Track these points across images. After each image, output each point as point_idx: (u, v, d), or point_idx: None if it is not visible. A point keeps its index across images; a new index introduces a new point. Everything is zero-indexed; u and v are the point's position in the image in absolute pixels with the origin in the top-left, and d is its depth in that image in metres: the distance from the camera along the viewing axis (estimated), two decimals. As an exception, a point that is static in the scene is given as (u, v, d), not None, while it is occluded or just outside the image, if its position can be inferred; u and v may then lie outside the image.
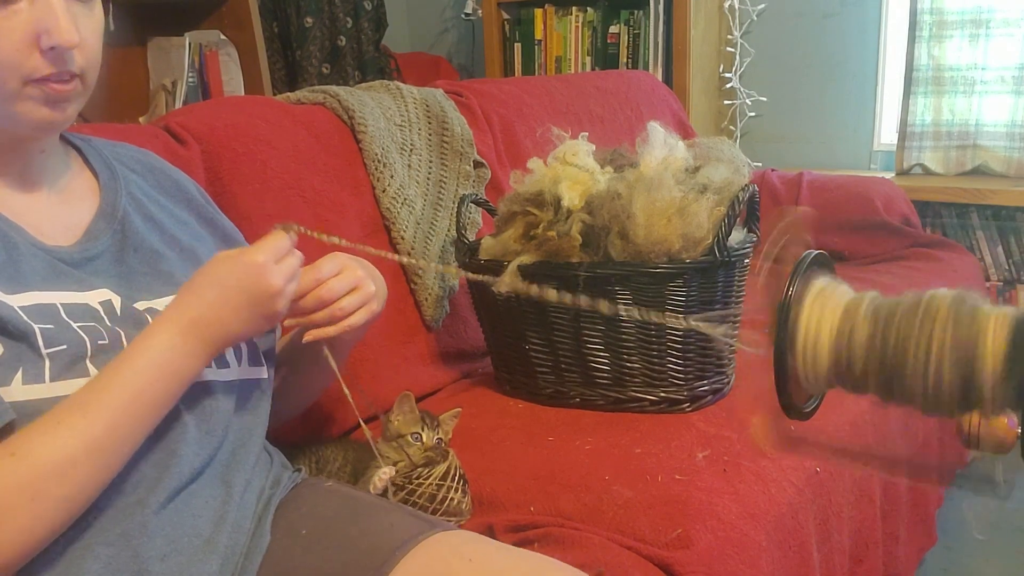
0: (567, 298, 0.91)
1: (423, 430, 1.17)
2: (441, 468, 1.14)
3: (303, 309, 0.97)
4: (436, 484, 1.12)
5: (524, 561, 0.92)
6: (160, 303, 0.92)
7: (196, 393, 0.89)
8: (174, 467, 0.86)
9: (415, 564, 0.88)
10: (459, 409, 1.24)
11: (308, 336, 1.00)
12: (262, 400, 1.01)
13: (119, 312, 0.88)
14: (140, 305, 0.90)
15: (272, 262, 0.88)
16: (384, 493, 1.12)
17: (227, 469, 0.93)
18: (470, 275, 1.27)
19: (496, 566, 0.89)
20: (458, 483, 1.15)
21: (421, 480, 1.12)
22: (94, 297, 0.87)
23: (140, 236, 0.95)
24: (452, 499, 1.13)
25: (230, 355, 0.95)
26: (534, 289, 0.95)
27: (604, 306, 0.87)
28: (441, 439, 1.18)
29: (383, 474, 1.11)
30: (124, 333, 0.86)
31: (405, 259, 1.44)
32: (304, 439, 1.28)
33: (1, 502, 0.73)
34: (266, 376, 1.02)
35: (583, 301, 0.89)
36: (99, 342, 0.83)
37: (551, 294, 0.93)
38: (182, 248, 1.00)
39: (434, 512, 1.11)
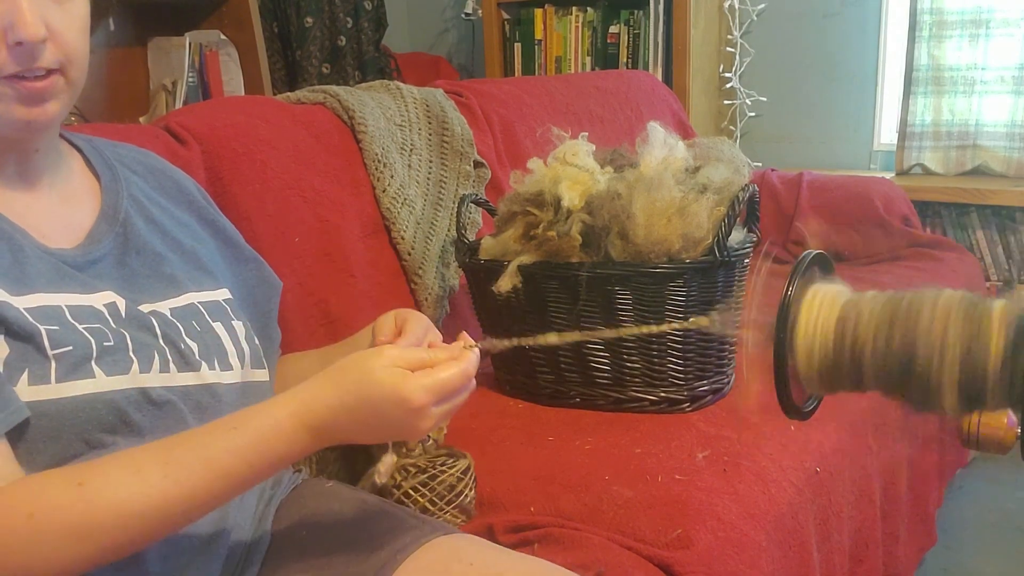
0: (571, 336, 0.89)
1: None
2: (464, 463, 1.15)
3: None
4: (457, 476, 1.13)
5: (524, 565, 0.92)
6: (163, 305, 0.92)
7: (200, 396, 0.89)
8: None
9: (416, 567, 0.88)
10: None
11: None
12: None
13: (124, 314, 0.87)
14: (144, 307, 0.90)
15: (434, 404, 0.80)
16: (383, 489, 1.12)
17: None
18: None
19: (497, 571, 0.89)
20: (472, 483, 1.16)
21: (445, 468, 1.13)
22: (98, 299, 0.87)
23: (142, 238, 0.95)
24: (467, 495, 1.15)
25: (234, 358, 0.95)
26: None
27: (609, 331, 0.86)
28: (428, 435, 1.19)
29: (388, 459, 1.12)
30: (129, 335, 0.85)
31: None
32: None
33: (52, 535, 0.70)
34: (267, 379, 1.02)
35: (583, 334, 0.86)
36: (105, 344, 0.83)
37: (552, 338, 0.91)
38: (183, 250, 0.99)
39: (448, 503, 1.12)
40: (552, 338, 0.91)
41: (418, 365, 0.80)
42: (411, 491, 1.12)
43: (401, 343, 0.91)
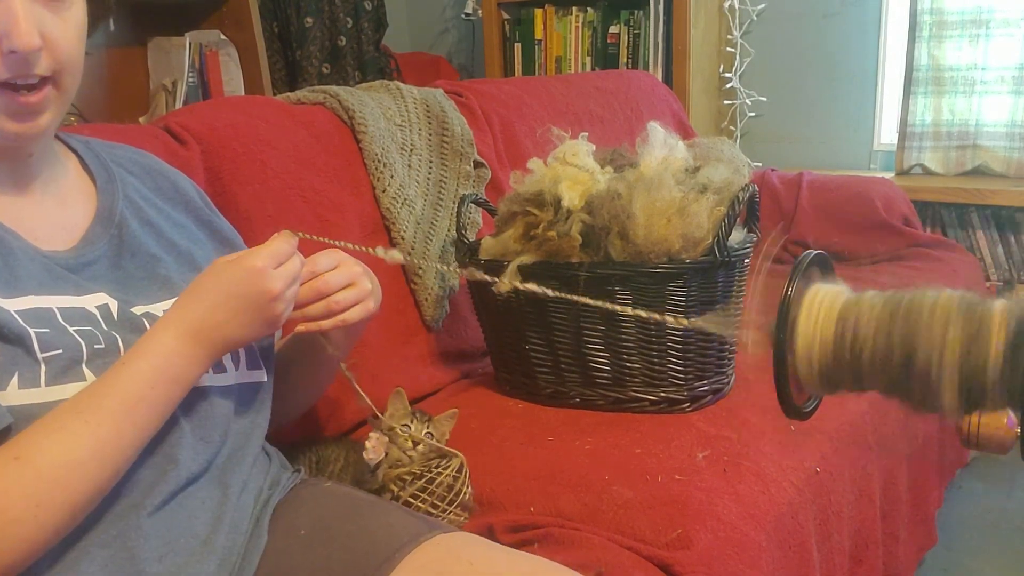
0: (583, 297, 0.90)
1: (412, 423, 1.18)
2: (457, 461, 1.16)
3: (299, 300, 0.97)
4: (453, 476, 1.13)
5: (524, 564, 0.92)
6: (157, 308, 0.92)
7: (193, 399, 0.89)
8: (171, 472, 0.86)
9: (415, 566, 0.88)
10: (455, 410, 1.24)
11: (301, 327, 1.00)
12: (261, 403, 1.01)
13: (116, 317, 0.87)
14: (137, 310, 0.90)
15: (272, 266, 0.88)
16: (377, 468, 1.13)
17: (224, 471, 0.93)
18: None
19: (496, 569, 0.89)
20: (468, 479, 1.17)
21: (440, 470, 1.13)
22: (91, 301, 0.87)
23: (137, 240, 0.95)
24: (465, 492, 1.15)
25: (227, 360, 0.95)
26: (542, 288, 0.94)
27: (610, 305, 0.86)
28: (431, 433, 1.19)
29: (373, 436, 1.13)
30: (121, 338, 0.85)
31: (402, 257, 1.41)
32: (304, 439, 1.29)
33: (7, 510, 0.72)
34: (266, 379, 1.01)
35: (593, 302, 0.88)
36: (95, 346, 0.83)
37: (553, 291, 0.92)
38: (179, 252, 0.99)
39: (450, 503, 1.12)
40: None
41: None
42: (411, 499, 1.12)
43: (304, 269, 0.97)
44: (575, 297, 0.94)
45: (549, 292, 0.97)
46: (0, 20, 0.79)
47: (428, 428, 1.19)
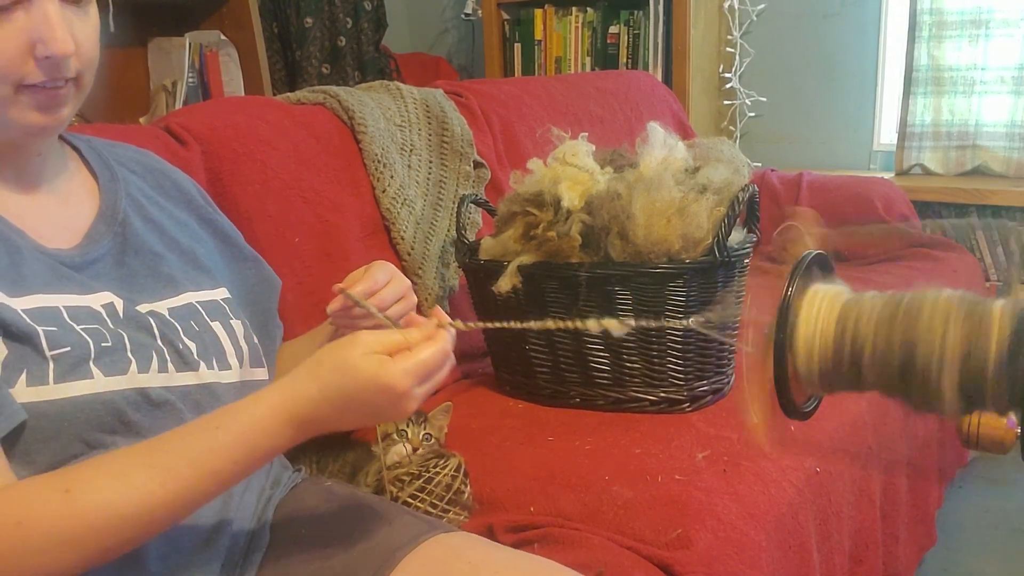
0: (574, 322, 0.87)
1: (408, 426, 1.18)
2: (455, 461, 1.16)
3: (354, 317, 0.96)
4: (451, 475, 1.14)
5: (525, 564, 0.92)
6: (162, 305, 0.92)
7: (199, 396, 0.89)
8: None
9: (415, 565, 0.88)
10: (449, 404, 1.24)
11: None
12: None
13: (122, 315, 0.88)
14: (142, 308, 0.90)
15: (417, 386, 0.80)
16: (382, 489, 1.13)
17: None
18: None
19: (497, 569, 0.89)
20: (467, 478, 1.17)
21: (439, 470, 1.13)
22: (96, 300, 0.87)
23: (140, 238, 0.95)
24: (464, 492, 1.15)
25: (232, 357, 0.95)
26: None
27: (612, 324, 0.84)
28: (431, 434, 1.19)
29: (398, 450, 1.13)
30: (127, 336, 0.85)
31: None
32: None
33: (40, 541, 0.71)
34: (267, 377, 1.02)
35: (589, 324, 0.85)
36: (102, 344, 0.83)
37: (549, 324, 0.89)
38: (182, 250, 1.00)
39: (449, 503, 1.13)
40: (528, 323, 0.90)
41: (394, 349, 0.80)
42: (409, 500, 1.12)
43: (361, 285, 0.93)
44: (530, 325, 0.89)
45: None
46: (37, 27, 0.80)
47: (425, 429, 1.19)
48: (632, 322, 0.83)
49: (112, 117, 2.29)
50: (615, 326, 0.81)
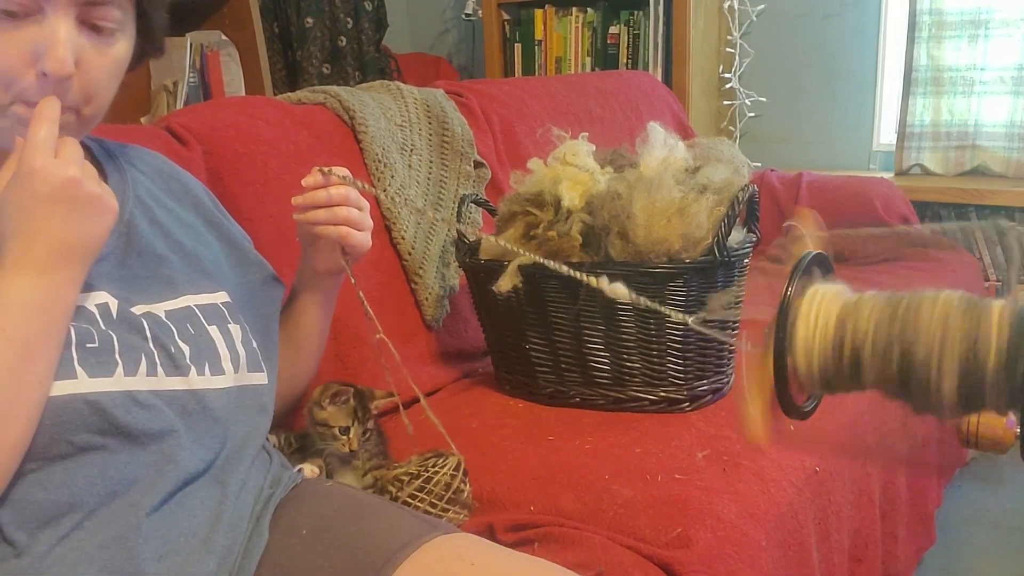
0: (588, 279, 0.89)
1: (353, 424, 1.17)
2: (455, 460, 1.16)
3: (312, 198, 1.04)
4: (451, 474, 1.14)
5: (526, 565, 0.92)
6: (158, 307, 0.92)
7: (186, 402, 0.89)
8: (170, 471, 0.86)
9: (416, 566, 0.88)
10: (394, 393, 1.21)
11: (299, 216, 1.06)
12: (262, 405, 1.00)
13: (115, 315, 0.87)
14: (137, 309, 0.90)
15: (47, 159, 0.78)
16: (382, 489, 1.14)
17: (223, 471, 0.93)
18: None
19: (498, 570, 0.89)
20: (467, 478, 1.17)
21: (438, 469, 1.14)
22: (91, 299, 0.87)
23: (144, 240, 0.95)
24: (464, 491, 1.15)
25: (226, 362, 0.95)
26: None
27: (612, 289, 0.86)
28: (370, 429, 1.19)
29: (309, 469, 1.13)
30: (117, 337, 0.85)
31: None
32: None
33: None
34: (267, 382, 1.01)
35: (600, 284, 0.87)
36: (87, 345, 0.82)
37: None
38: (186, 253, 1.00)
39: (448, 502, 1.13)
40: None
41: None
42: (408, 499, 1.12)
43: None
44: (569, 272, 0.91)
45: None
46: (42, 41, 0.79)
47: (369, 425, 1.19)
48: (636, 296, 0.85)
49: (113, 117, 2.28)
50: (622, 293, 0.85)
